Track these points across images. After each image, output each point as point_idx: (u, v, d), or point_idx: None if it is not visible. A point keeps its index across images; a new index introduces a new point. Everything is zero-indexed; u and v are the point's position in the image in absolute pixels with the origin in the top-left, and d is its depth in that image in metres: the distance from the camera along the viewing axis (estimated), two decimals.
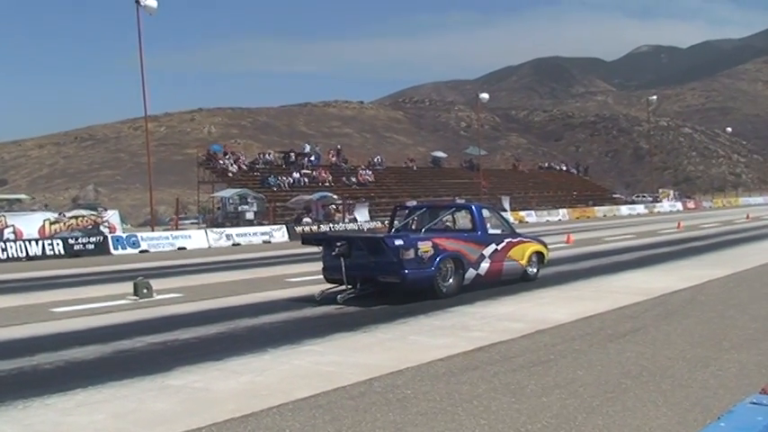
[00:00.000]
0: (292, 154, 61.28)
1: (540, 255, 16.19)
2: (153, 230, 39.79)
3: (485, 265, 14.33)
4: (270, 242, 38.86)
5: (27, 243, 31.25)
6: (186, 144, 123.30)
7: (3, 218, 34.47)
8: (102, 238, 33.86)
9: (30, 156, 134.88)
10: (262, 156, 61.27)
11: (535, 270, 15.94)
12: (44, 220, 35.01)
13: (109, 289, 16.79)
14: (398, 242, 12.87)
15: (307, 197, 49.57)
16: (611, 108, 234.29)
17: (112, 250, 33.05)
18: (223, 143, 74.85)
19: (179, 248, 34.77)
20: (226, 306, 13.70)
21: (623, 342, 9.18)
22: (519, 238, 15.61)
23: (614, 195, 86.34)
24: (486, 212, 15.48)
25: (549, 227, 47.78)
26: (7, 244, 30.81)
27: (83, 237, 33.55)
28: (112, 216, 38.02)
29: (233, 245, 37.10)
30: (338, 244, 13.51)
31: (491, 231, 15.07)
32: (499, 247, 14.80)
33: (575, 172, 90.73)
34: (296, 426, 6.05)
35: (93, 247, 32.63)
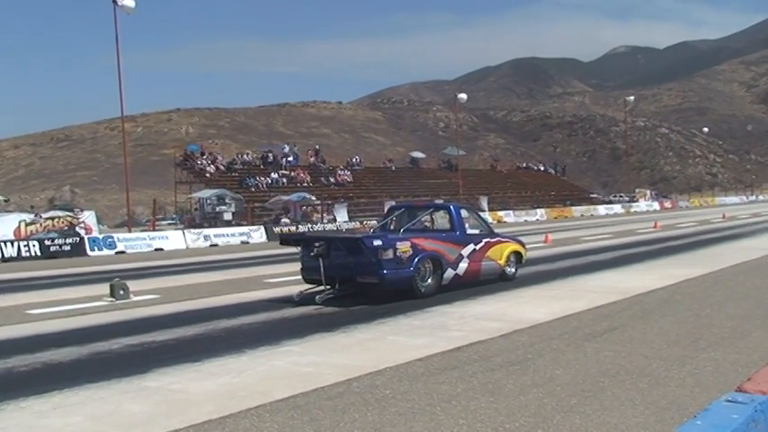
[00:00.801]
0: (270, 154, 61.14)
1: (518, 254, 16.18)
2: (130, 231, 39.56)
3: (463, 265, 14.30)
4: (248, 243, 38.73)
5: (2, 244, 30.96)
6: (163, 144, 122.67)
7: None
8: (78, 239, 33.61)
9: (5, 156, 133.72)
10: (240, 156, 61.09)
11: (513, 270, 15.94)
12: (20, 222, 34.69)
13: (85, 290, 16.68)
14: (377, 242, 12.84)
15: (285, 198, 49.49)
16: (589, 108, 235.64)
17: (89, 251, 32.83)
18: (201, 143, 74.52)
19: (156, 249, 34.59)
20: (204, 307, 13.63)
21: (600, 341, 9.22)
22: (497, 238, 15.61)
23: (592, 195, 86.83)
24: (464, 213, 15.45)
25: (527, 227, 47.94)
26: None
27: (59, 238, 33.29)
28: (89, 217, 37.73)
29: (211, 245, 36.95)
30: (317, 244, 13.46)
31: (469, 231, 14.98)
32: (477, 247, 14.78)
33: (552, 172, 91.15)
34: (274, 427, 6.03)
35: (69, 248, 32.40)
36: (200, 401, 6.88)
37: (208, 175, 53.42)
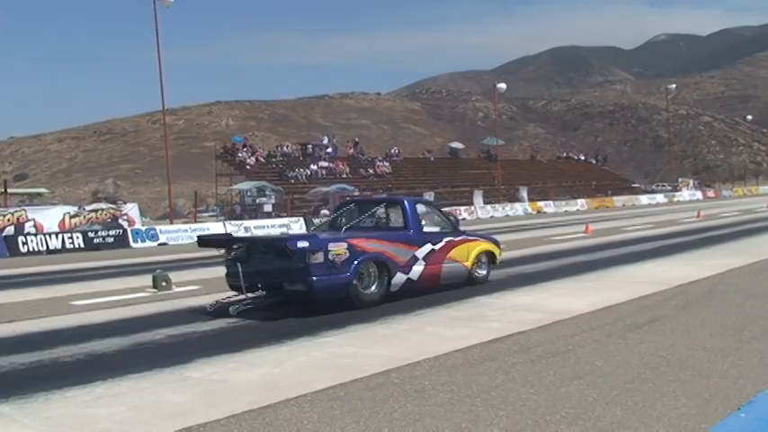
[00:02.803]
0: (310, 146, 61.33)
1: (490, 254, 14.55)
2: (171, 223, 39.95)
3: (418, 269, 12.57)
4: None
5: (47, 237, 31.49)
6: (204, 137, 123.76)
7: (23, 212, 34.71)
8: (121, 231, 34.07)
9: (49, 150, 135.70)
10: (279, 148, 61.37)
11: (484, 272, 14.29)
12: (64, 214, 35.23)
13: (128, 282, 16.88)
14: (303, 244, 11.16)
15: (324, 189, 49.65)
16: (630, 97, 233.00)
17: (132, 243, 33.23)
18: (242, 135, 74.98)
19: None
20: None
21: (642, 332, 9.13)
22: (462, 237, 13.89)
23: (633, 185, 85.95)
24: (421, 208, 13.74)
25: (567, 217, 47.62)
26: (28, 237, 31.07)
27: (102, 230, 33.78)
28: (131, 209, 38.20)
29: None
30: (234, 246, 12.15)
31: (427, 229, 13.25)
32: (437, 248, 13.06)
33: (593, 162, 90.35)
34: (314, 417, 6.05)
35: (112, 240, 32.84)
36: (240, 391, 6.94)
37: (248, 167, 53.77)
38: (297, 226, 40.46)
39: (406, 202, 13.29)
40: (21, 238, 30.77)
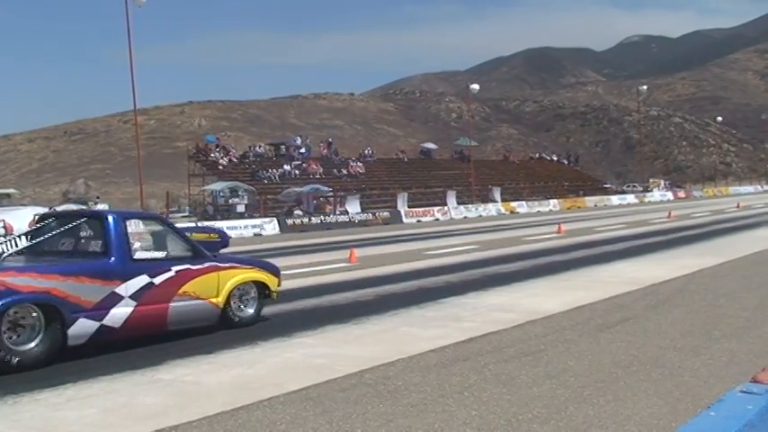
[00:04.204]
0: (283, 146, 61.20)
1: (260, 286, 10.91)
2: None
3: (121, 311, 9.01)
4: (261, 235, 38.80)
5: (18, 238, 31.01)
6: (176, 137, 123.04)
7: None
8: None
9: (19, 150, 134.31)
10: (252, 148, 61.20)
11: (251, 311, 10.71)
12: (34, 215, 34.73)
13: None
14: None
15: (298, 189, 49.56)
16: (602, 98, 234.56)
17: None
18: (215, 135, 74.66)
19: None
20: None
21: (614, 332, 9.20)
22: (209, 264, 10.20)
23: (605, 185, 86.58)
24: (134, 226, 9.98)
25: (540, 217, 47.87)
26: None
27: None
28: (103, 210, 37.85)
29: None
30: None
31: (142, 255, 9.61)
32: (159, 280, 9.49)
33: (565, 162, 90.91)
34: (287, 418, 6.04)
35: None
36: (213, 393, 6.91)
37: (221, 167, 53.56)
38: (270, 227, 40.39)
39: (109, 217, 9.50)
40: None
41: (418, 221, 48.04)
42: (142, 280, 9.30)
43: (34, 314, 8.36)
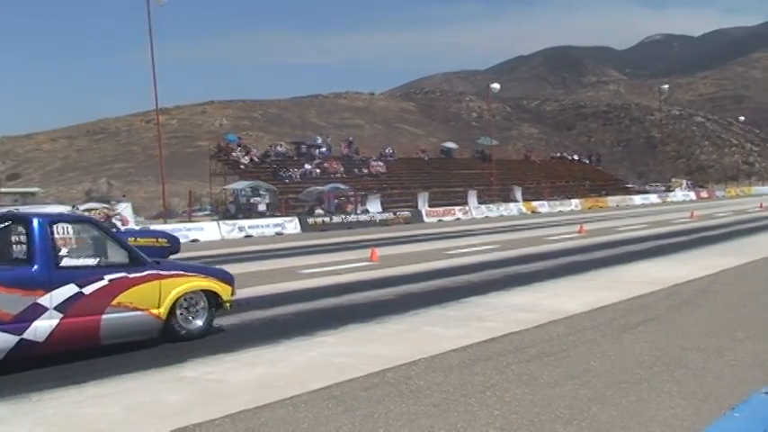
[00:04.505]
0: (303, 146, 61.31)
1: (210, 295, 9.99)
2: (166, 223, 39.89)
3: (46, 324, 8.17)
4: (282, 234, 38.90)
5: None
6: (198, 136, 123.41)
7: (16, 212, 34.61)
8: (114, 231, 33.93)
9: (42, 149, 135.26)
10: (273, 147, 61.34)
11: (200, 323, 9.78)
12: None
13: None
14: None
15: (319, 188, 49.60)
16: (623, 97, 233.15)
17: None
18: (237, 134, 74.88)
19: (192, 240, 34.82)
20: (239, 298, 13.66)
21: (636, 332, 9.16)
22: (151, 272, 9.25)
23: (627, 185, 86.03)
24: (61, 229, 9.44)
25: (561, 217, 47.69)
26: (21, 237, 30.93)
27: None
28: (125, 209, 38.13)
29: (245, 236, 37.15)
30: None
31: (68, 263, 8.74)
32: (90, 290, 8.61)
33: (587, 162, 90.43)
34: (309, 417, 6.07)
35: None
36: (236, 391, 6.96)
37: (242, 166, 53.71)
38: (291, 226, 40.48)
39: (34, 221, 8.68)
40: (14, 238, 30.63)
41: (439, 221, 47.97)
42: (69, 290, 8.43)
43: None
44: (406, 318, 10.88)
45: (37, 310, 8.13)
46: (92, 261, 8.97)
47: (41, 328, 8.12)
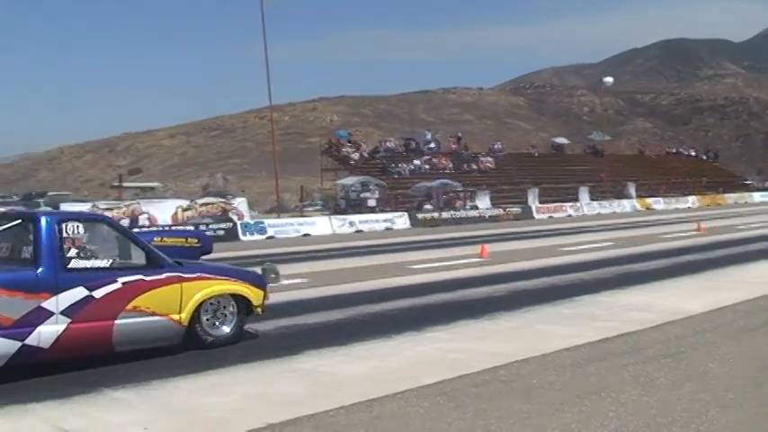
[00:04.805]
0: (413, 141, 61.48)
1: (240, 300, 9.33)
2: (279, 217, 40.72)
3: (51, 329, 7.69)
4: (392, 229, 39.17)
5: (161, 228, 32.53)
6: (309, 133, 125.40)
7: (138, 205, 36.07)
8: (231, 224, 34.93)
9: (162, 145, 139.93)
10: (383, 143, 61.74)
11: (227, 330, 9.15)
12: (177, 207, 36.39)
13: None
14: None
15: (428, 184, 49.68)
16: (742, 91, 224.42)
17: (241, 236, 34.00)
18: (347, 130, 75.74)
19: (304, 235, 35.47)
20: (350, 292, 13.88)
21: (758, 334, 8.86)
22: (171, 274, 8.65)
23: (746, 182, 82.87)
24: (72, 229, 8.36)
25: (677, 214, 46.41)
26: (142, 230, 32.17)
27: (213, 223, 34.69)
28: (240, 203, 39.14)
29: (356, 231, 37.56)
30: None
31: (77, 264, 8.12)
32: (100, 293, 8.10)
33: (704, 157, 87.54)
34: (420, 412, 6.10)
35: (222, 233, 33.66)
36: (348, 384, 7.05)
37: (352, 162, 54.25)
38: (401, 221, 40.70)
39: (42, 219, 8.16)
40: (135, 231, 31.85)
41: (549, 217, 47.39)
42: (78, 293, 7.93)
43: None
44: (517, 315, 10.80)
45: (41, 315, 7.65)
46: (104, 262, 8.36)
47: (46, 333, 7.65)
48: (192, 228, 22.30)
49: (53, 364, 7.67)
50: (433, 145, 61.07)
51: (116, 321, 8.12)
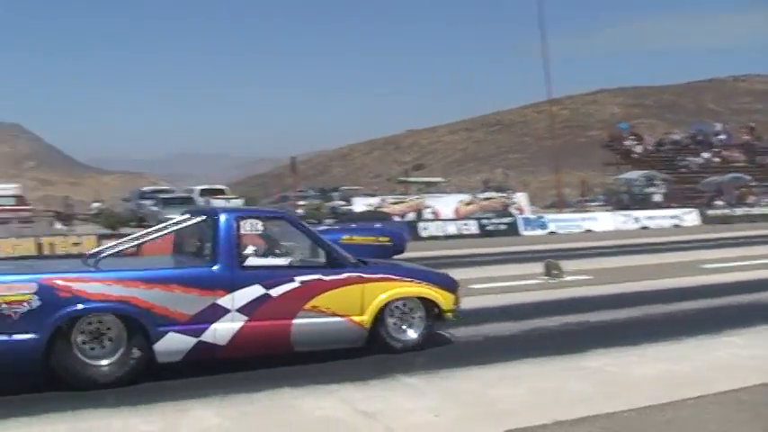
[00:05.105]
0: (700, 133, 58.38)
1: (428, 303, 8.79)
2: (560, 212, 40.43)
3: (226, 327, 7.75)
4: (680, 226, 37.53)
5: (444, 223, 33.59)
6: (589, 126, 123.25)
7: (422, 199, 37.47)
8: (512, 219, 35.24)
9: (443, 141, 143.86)
10: (668, 136, 59.25)
11: (414, 335, 8.67)
12: (459, 202, 37.35)
13: (520, 268, 17.28)
14: None
15: (718, 179, 47.01)
16: None
17: (522, 231, 34.17)
18: (629, 122, 73.50)
19: (586, 231, 34.94)
20: (635, 290, 13.51)
21: None
22: (352, 274, 8.40)
23: None
24: (252, 226, 8.34)
25: None
26: (427, 223, 33.39)
27: (494, 218, 35.19)
28: (521, 198, 39.35)
29: (641, 228, 36.42)
30: None
31: (254, 262, 8.14)
32: (277, 292, 8.01)
33: None
34: (715, 419, 5.89)
35: (503, 227, 34.06)
36: (638, 385, 6.92)
37: (635, 155, 52.58)
38: (690, 217, 38.91)
39: (221, 216, 8.18)
40: (421, 224, 33.12)
41: None
42: (254, 291, 7.91)
43: (105, 327, 7.40)
44: None
45: (216, 312, 7.70)
46: (281, 261, 8.33)
47: (222, 330, 7.70)
48: (385, 226, 21.53)
49: (357, 351, 8.19)
50: (723, 136, 57.63)
51: (294, 321, 8.03)
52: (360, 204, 37.88)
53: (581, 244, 26.54)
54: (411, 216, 35.93)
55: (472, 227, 33.54)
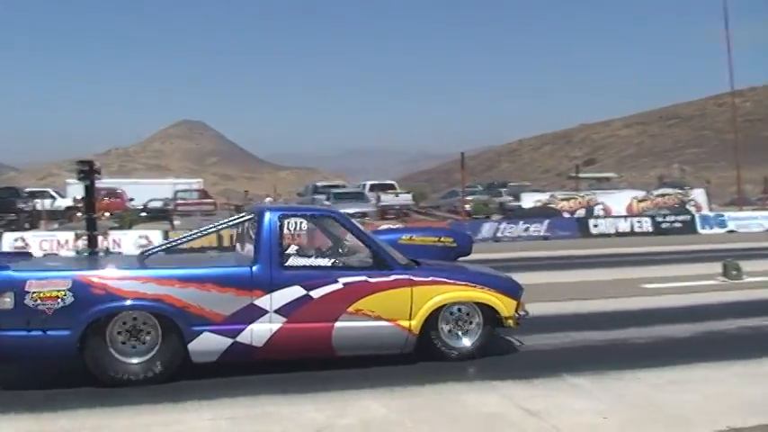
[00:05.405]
0: None
1: (485, 309, 8.27)
2: (740, 210, 38.50)
3: (263, 328, 7.57)
4: None
5: (616, 220, 32.74)
6: None
7: (593, 195, 36.65)
8: (688, 216, 33.90)
9: (617, 135, 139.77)
10: None
11: (467, 343, 8.20)
12: (632, 198, 36.29)
13: (696, 268, 16.64)
14: None
15: None
16: None
17: (699, 229, 32.79)
18: None
19: (766, 230, 33.12)
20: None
21: None
22: (400, 277, 7.97)
23: None
24: (296, 225, 8.42)
25: None
26: (597, 220, 32.64)
27: (669, 215, 33.97)
28: (699, 195, 37.78)
29: None
30: None
31: (295, 262, 7.85)
32: (319, 293, 7.73)
33: None
34: None
35: (679, 225, 32.81)
36: None
37: None
38: None
39: (265, 215, 7.96)
40: (591, 221, 32.43)
41: None
42: (294, 292, 7.66)
43: (140, 325, 7.43)
44: None
45: (254, 313, 7.54)
46: (324, 261, 7.98)
47: (259, 331, 7.54)
48: (449, 228, 20.39)
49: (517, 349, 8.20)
50: None
51: (336, 324, 7.72)
52: (528, 200, 37.50)
53: (762, 244, 25.18)
54: (581, 213, 35.22)
55: (646, 224, 32.50)
